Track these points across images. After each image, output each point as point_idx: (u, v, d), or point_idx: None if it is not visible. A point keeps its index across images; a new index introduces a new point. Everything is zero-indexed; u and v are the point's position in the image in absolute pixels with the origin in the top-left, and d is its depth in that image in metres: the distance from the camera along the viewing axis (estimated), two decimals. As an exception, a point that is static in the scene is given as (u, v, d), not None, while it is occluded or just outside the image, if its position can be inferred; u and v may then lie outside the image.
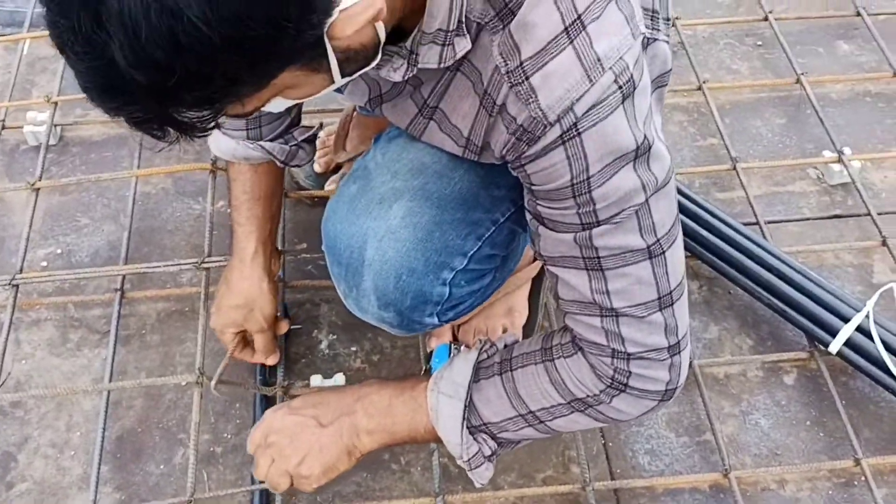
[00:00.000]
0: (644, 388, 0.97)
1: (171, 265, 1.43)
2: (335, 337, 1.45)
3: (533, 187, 0.89)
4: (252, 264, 1.27)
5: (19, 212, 1.60)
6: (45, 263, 1.53)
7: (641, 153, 0.84)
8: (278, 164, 1.27)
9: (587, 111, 0.80)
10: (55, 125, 1.67)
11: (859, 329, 1.36)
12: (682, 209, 1.50)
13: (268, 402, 1.33)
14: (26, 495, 1.28)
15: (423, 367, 1.37)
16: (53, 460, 1.31)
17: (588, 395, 0.99)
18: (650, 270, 0.91)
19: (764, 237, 1.52)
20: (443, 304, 1.02)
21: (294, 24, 0.65)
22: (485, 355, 1.07)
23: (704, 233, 1.49)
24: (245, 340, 1.31)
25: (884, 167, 1.69)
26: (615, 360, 0.96)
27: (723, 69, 1.86)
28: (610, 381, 0.97)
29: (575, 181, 0.84)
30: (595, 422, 1.02)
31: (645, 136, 0.84)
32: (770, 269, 1.45)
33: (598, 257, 0.90)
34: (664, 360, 0.96)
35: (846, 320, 1.38)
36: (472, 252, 1.01)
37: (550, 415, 1.01)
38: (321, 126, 1.63)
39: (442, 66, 0.84)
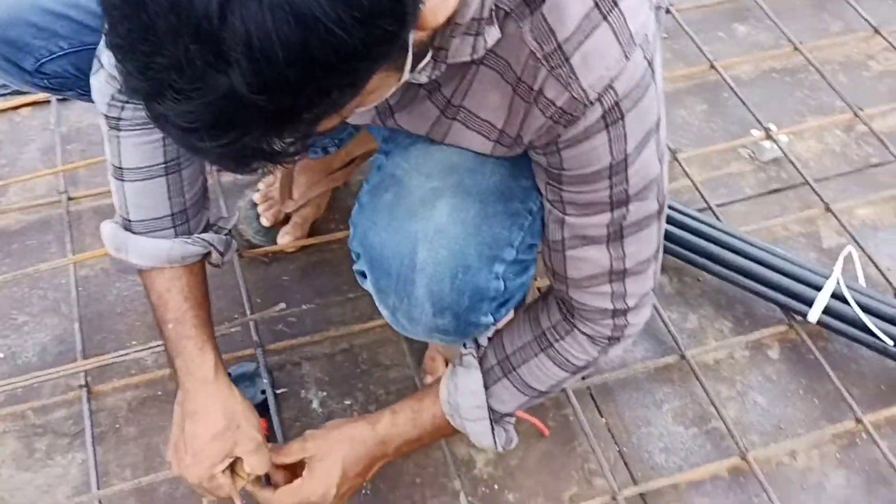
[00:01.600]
0: (633, 331, 1.07)
1: (141, 350, 1.33)
2: (325, 394, 1.39)
3: (564, 173, 0.89)
4: (217, 380, 1.10)
5: (-56, 319, 1.45)
6: (-13, 371, 1.39)
7: (660, 122, 0.88)
8: (216, 257, 1.16)
9: (629, 92, 0.81)
10: (-32, 219, 1.53)
11: (833, 295, 1.42)
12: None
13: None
14: None
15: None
16: (49, 585, 1.19)
17: (590, 361, 1.08)
18: (656, 228, 0.98)
19: (718, 220, 1.57)
20: (498, 300, 0.99)
21: (411, 17, 0.62)
22: (481, 361, 1.11)
23: (666, 225, 1.51)
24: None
25: (805, 138, 1.78)
26: (615, 319, 1.03)
27: (637, 65, 1.90)
28: (607, 340, 1.05)
29: (614, 162, 0.86)
30: (591, 372, 1.17)
31: (663, 106, 0.88)
32: (734, 250, 1.49)
33: (622, 228, 0.93)
34: (649, 300, 1.06)
35: (816, 288, 1.43)
36: (517, 243, 0.98)
37: (557, 386, 1.12)
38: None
39: (474, 57, 0.81)
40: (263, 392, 1.33)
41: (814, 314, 1.41)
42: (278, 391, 1.37)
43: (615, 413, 1.39)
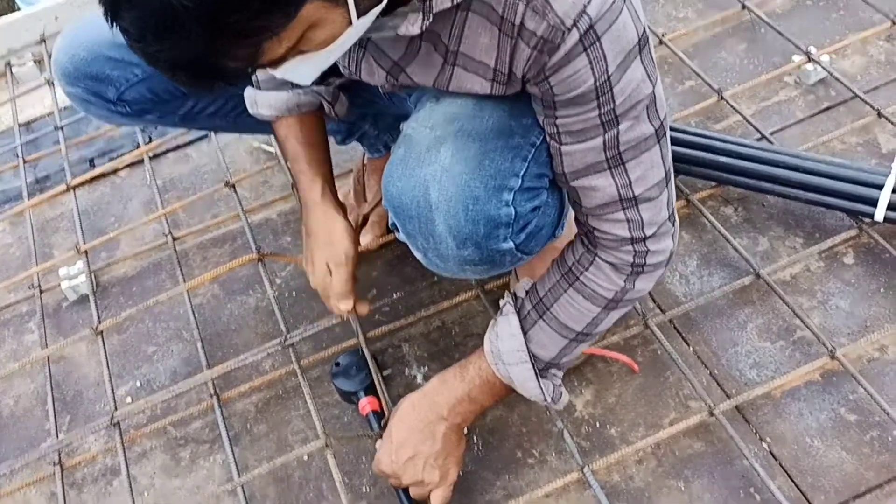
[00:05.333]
0: (657, 261, 1.13)
1: (257, 352, 1.46)
2: (426, 368, 1.50)
3: (556, 98, 0.98)
4: (324, 203, 1.33)
5: (85, 363, 1.62)
6: (129, 399, 1.55)
7: (643, 43, 0.97)
8: (325, 106, 1.36)
9: (602, 14, 0.91)
10: (91, 272, 1.71)
11: (894, 190, 1.45)
12: (697, 146, 1.59)
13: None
14: None
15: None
16: (212, 570, 1.32)
17: (617, 291, 1.15)
18: (659, 152, 1.05)
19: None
20: (513, 226, 1.07)
21: None
22: (519, 309, 1.20)
23: (724, 159, 1.57)
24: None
25: (847, 54, 1.81)
26: (635, 246, 1.10)
27: (673, 20, 1.98)
28: (630, 268, 1.12)
29: (598, 83, 0.95)
30: (625, 310, 1.20)
31: (644, 27, 0.96)
32: (793, 167, 1.54)
33: (620, 153, 1.02)
34: (669, 230, 1.12)
35: (878, 188, 1.46)
36: (522, 172, 1.06)
37: (594, 325, 1.18)
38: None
39: (455, 1, 0.92)
40: (370, 374, 1.44)
41: (879, 213, 1.45)
42: (384, 373, 1.48)
43: (701, 341, 1.45)
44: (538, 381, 1.19)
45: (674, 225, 1.13)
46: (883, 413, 1.28)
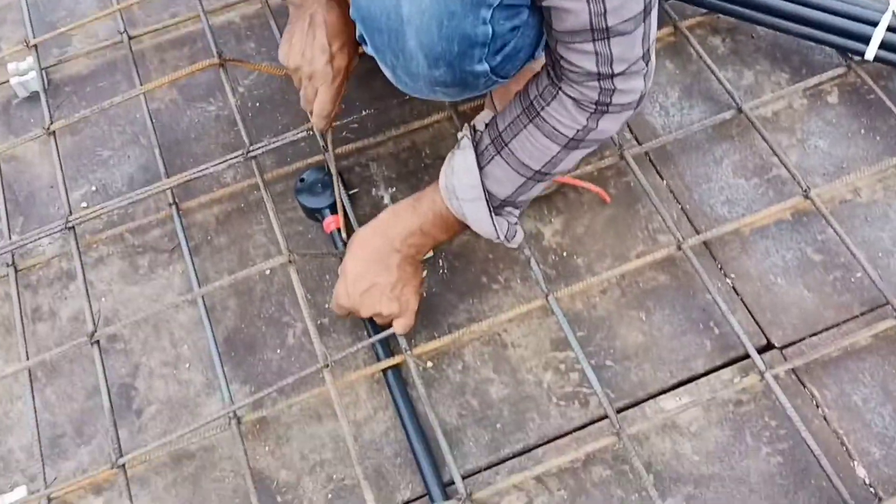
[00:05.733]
0: (624, 101, 1.05)
1: (219, 163, 1.40)
2: (394, 189, 1.46)
3: None
4: None
5: (38, 164, 1.56)
6: (84, 204, 1.50)
7: None
8: None
9: None
10: (42, 69, 1.61)
11: (889, 29, 1.39)
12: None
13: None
14: (158, 416, 1.30)
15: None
16: (172, 377, 1.33)
17: (579, 130, 1.08)
18: None
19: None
20: (489, 46, 1.01)
21: None
22: (476, 144, 1.15)
23: (716, -17, 1.49)
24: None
25: None
26: (601, 82, 1.02)
27: None
28: (594, 106, 1.05)
29: None
30: (587, 151, 1.14)
31: None
32: (787, -1, 1.47)
33: None
34: (641, 70, 1.03)
35: (873, 24, 1.40)
36: None
37: (553, 165, 1.13)
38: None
39: None
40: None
41: (871, 51, 1.40)
42: (351, 192, 1.44)
43: (676, 175, 1.42)
44: (492, 219, 1.16)
45: (647, 65, 1.04)
46: (849, 254, 1.28)
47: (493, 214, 1.16)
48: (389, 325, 1.25)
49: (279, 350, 1.33)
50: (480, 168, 1.14)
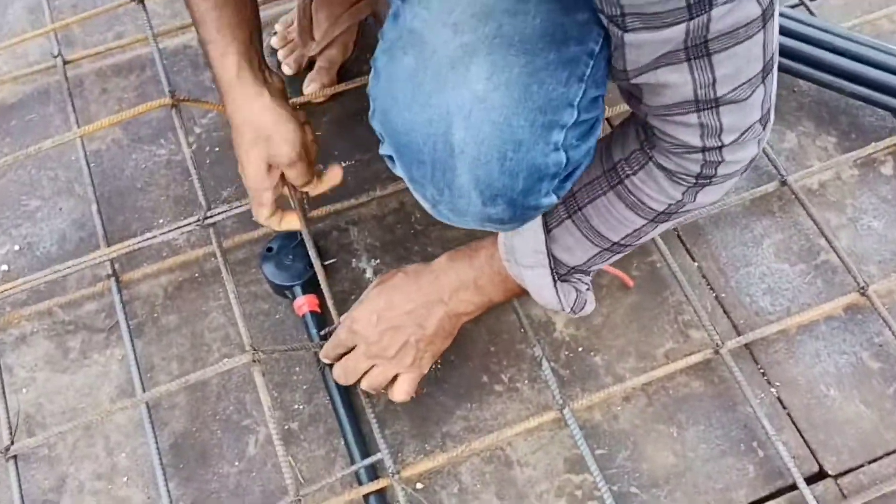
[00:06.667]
0: (731, 171, 0.86)
1: (168, 231, 1.17)
2: (378, 261, 1.24)
3: None
4: (240, 83, 1.03)
5: (-52, 215, 1.30)
6: (5, 267, 1.25)
7: None
8: None
9: None
10: (-44, 98, 1.35)
11: (959, 95, 1.21)
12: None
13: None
14: (89, 541, 1.07)
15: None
16: (105, 493, 1.09)
17: (671, 204, 0.90)
18: (761, 40, 0.73)
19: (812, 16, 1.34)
20: (560, 175, 0.81)
21: None
22: None
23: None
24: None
25: None
26: (706, 155, 0.83)
27: None
28: (694, 179, 0.86)
29: None
30: (679, 222, 1.01)
31: None
32: (834, 49, 1.27)
33: (707, 41, 0.70)
34: (756, 135, 0.83)
35: (938, 89, 1.22)
36: (578, 99, 0.78)
37: (636, 237, 0.95)
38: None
39: None
40: (310, 266, 1.17)
41: (938, 120, 1.21)
42: (326, 262, 1.21)
43: (709, 255, 1.22)
44: (556, 290, 0.98)
45: (765, 128, 0.83)
46: (914, 365, 1.10)
47: (557, 283, 0.97)
48: (373, 388, 1.05)
49: (237, 462, 1.11)
50: (547, 230, 0.94)
